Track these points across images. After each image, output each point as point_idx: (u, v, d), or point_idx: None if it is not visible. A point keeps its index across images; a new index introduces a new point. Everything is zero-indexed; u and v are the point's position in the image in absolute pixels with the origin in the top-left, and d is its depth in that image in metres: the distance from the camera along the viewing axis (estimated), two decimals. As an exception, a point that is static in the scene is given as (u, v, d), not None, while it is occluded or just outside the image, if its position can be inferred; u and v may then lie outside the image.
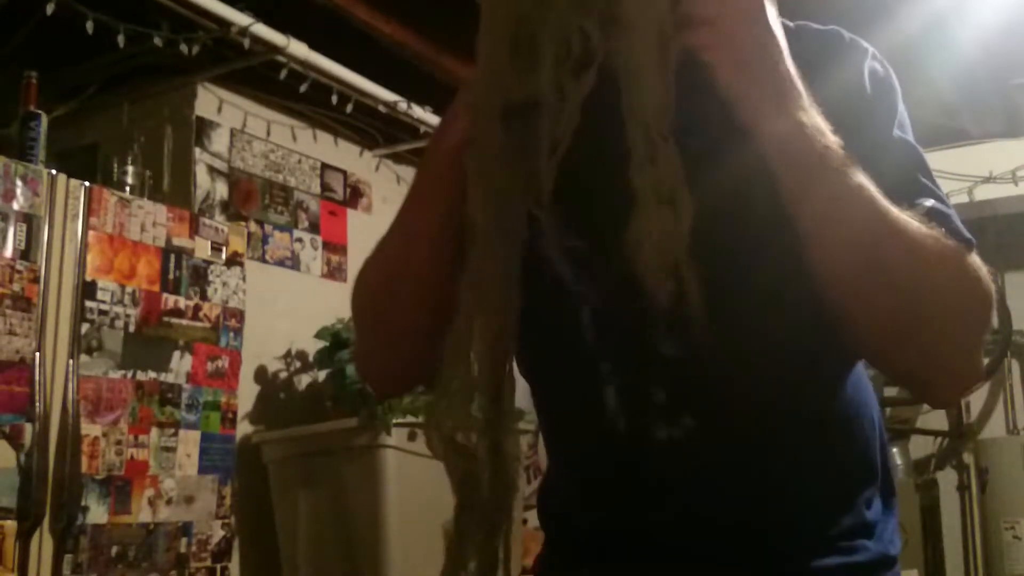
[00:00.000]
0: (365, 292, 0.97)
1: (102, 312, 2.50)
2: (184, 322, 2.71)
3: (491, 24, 0.83)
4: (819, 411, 0.88)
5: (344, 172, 3.88)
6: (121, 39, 2.84)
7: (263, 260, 3.45)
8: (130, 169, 2.95)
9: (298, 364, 3.50)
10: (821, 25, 0.94)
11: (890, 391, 5.07)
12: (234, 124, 3.46)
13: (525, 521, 3.22)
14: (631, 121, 0.77)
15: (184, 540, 2.65)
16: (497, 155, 0.82)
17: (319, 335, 3.28)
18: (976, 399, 5.04)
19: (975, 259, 0.81)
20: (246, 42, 3.03)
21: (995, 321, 4.96)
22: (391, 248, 0.94)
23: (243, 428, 3.18)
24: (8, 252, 2.32)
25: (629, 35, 0.77)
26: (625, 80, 0.77)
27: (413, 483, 3.02)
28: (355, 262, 3.72)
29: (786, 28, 0.86)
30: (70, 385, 2.39)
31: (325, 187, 3.79)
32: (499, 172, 0.82)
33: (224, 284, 2.83)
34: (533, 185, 0.80)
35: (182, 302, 2.71)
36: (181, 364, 2.69)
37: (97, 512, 2.44)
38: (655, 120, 0.76)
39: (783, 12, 0.91)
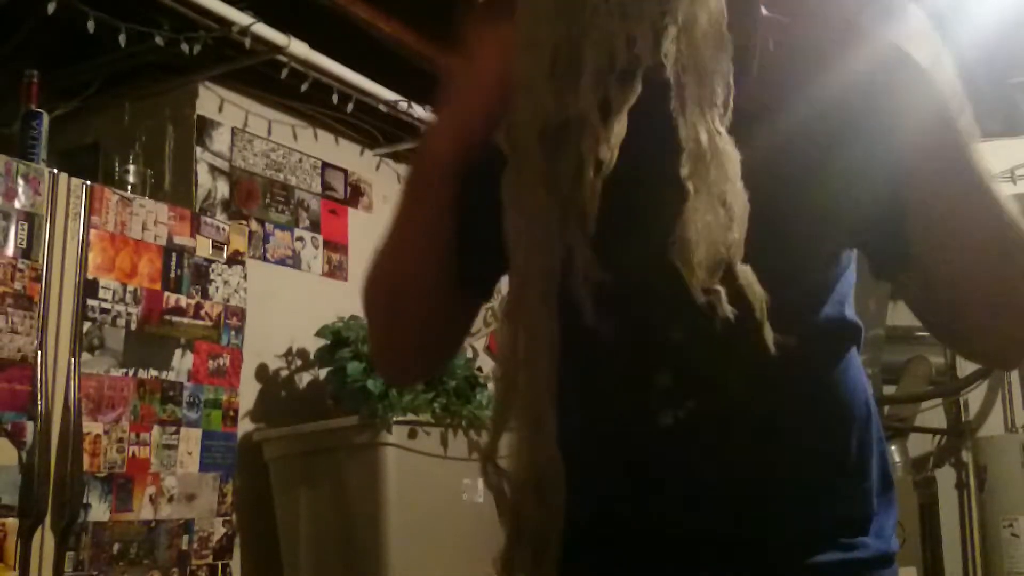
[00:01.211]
0: (369, 301, 0.99)
1: (104, 310, 2.51)
2: (185, 320, 2.71)
3: (529, 42, 0.82)
4: (815, 401, 0.88)
5: (345, 171, 3.89)
6: (122, 38, 2.84)
7: (264, 259, 3.46)
8: (131, 168, 2.96)
9: (299, 362, 3.51)
10: None
11: (889, 390, 5.08)
12: (235, 123, 3.46)
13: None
14: (689, 117, 0.75)
15: (185, 538, 2.65)
16: (538, 180, 0.81)
17: (320, 333, 3.29)
18: (975, 397, 5.05)
19: None
20: (247, 41, 3.04)
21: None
22: (387, 261, 0.95)
23: (244, 426, 3.19)
24: (10, 251, 2.33)
25: (688, 34, 0.75)
26: (681, 79, 0.75)
27: (413, 480, 3.03)
28: (356, 261, 3.73)
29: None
30: (72, 383, 2.40)
31: (326, 186, 3.80)
32: (540, 198, 0.81)
33: (225, 283, 2.84)
34: (575, 210, 0.79)
35: (183, 300, 2.71)
36: (182, 362, 2.69)
37: (99, 510, 2.45)
38: (715, 114, 0.75)
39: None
